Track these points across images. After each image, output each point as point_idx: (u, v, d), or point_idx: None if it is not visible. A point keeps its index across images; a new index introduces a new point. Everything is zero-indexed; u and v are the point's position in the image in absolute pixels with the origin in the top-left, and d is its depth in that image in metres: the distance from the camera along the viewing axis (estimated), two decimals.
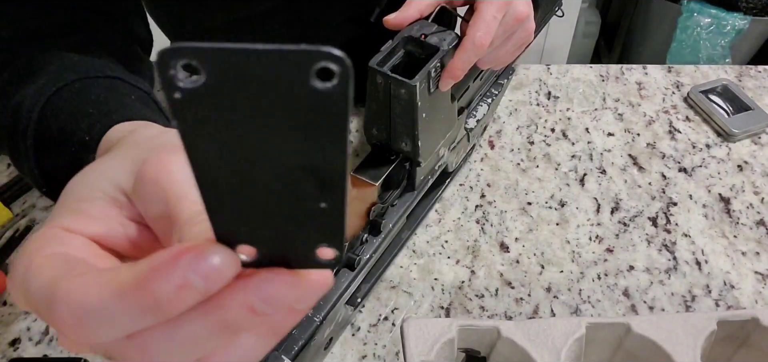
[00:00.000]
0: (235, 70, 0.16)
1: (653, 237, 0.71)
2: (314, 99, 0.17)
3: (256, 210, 0.20)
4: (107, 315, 0.20)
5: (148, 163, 0.27)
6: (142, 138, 0.32)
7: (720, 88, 0.90)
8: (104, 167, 0.29)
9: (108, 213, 0.27)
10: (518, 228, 0.72)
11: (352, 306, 0.61)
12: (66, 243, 0.25)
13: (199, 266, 0.19)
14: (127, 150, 0.30)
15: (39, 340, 0.61)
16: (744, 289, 0.66)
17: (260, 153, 0.18)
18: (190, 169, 0.19)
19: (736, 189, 0.77)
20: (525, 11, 0.56)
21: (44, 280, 0.22)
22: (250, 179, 0.19)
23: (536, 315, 0.64)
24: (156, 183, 0.26)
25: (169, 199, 0.25)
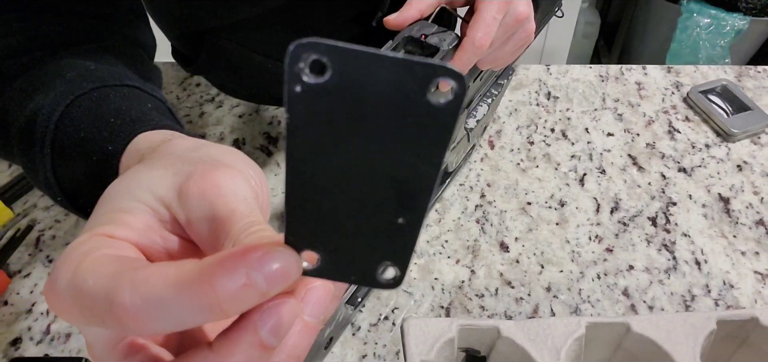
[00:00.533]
0: (360, 72, 0.16)
1: (653, 237, 0.71)
2: (427, 112, 0.17)
3: (334, 216, 0.20)
4: (170, 306, 0.20)
5: (194, 177, 0.27)
6: (180, 149, 0.32)
7: (719, 88, 0.90)
8: (145, 177, 0.28)
9: (148, 224, 0.27)
10: (518, 228, 0.72)
11: (353, 306, 0.61)
12: (115, 247, 0.24)
13: (263, 267, 0.20)
14: (167, 160, 0.30)
15: (40, 340, 0.61)
16: (743, 289, 0.66)
17: (359, 158, 0.18)
18: (285, 164, 0.19)
19: (736, 189, 0.77)
20: (525, 12, 0.56)
21: (104, 276, 0.22)
22: (341, 183, 0.19)
23: (536, 315, 0.64)
24: (204, 198, 0.26)
25: (219, 213, 0.25)
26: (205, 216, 0.26)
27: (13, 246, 0.68)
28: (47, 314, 0.63)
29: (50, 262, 0.68)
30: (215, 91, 0.89)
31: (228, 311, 0.20)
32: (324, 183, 0.19)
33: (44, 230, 0.71)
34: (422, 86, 0.17)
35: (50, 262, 0.68)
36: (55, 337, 0.61)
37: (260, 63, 0.76)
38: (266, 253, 0.20)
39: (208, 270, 0.20)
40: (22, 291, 0.65)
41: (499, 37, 0.55)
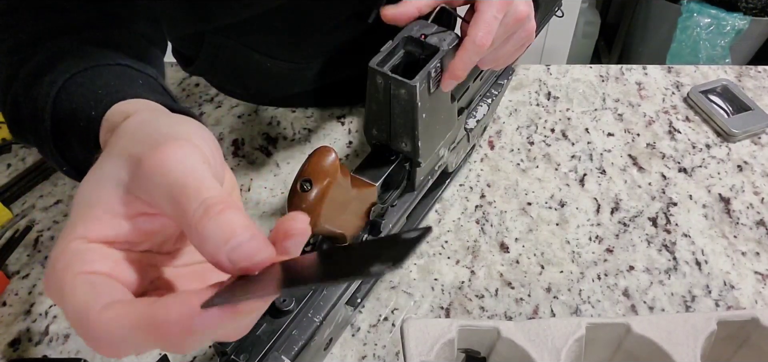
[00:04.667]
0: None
1: (653, 238, 0.71)
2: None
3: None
4: (128, 341, 0.26)
5: (144, 158, 0.28)
6: (132, 128, 0.34)
7: (720, 88, 0.90)
8: (103, 169, 0.30)
9: (116, 212, 0.29)
10: (518, 229, 0.72)
11: (352, 307, 0.61)
12: (88, 260, 0.28)
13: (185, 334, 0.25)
14: (122, 143, 0.32)
15: (38, 341, 0.61)
16: (744, 289, 0.66)
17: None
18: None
19: (736, 190, 0.77)
20: (525, 11, 0.55)
21: (78, 304, 0.26)
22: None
23: (536, 316, 0.64)
24: (155, 178, 0.28)
25: (172, 191, 0.27)
26: (162, 194, 0.28)
27: (12, 246, 0.68)
28: (46, 315, 0.63)
29: None
30: (214, 92, 0.89)
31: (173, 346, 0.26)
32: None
33: (43, 231, 0.71)
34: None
35: None
36: (54, 338, 0.61)
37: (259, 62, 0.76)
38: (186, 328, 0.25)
39: (156, 324, 0.25)
40: (21, 291, 0.65)
41: (499, 36, 0.55)
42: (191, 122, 0.33)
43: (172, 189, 0.27)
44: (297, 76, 0.80)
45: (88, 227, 0.29)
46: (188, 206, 0.27)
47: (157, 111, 0.39)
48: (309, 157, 0.48)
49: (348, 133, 0.84)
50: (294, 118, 0.86)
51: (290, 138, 0.83)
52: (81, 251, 0.28)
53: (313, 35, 0.74)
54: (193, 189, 0.27)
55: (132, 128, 0.34)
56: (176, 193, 0.27)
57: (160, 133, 0.31)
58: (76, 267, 0.27)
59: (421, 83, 0.53)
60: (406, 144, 0.58)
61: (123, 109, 0.40)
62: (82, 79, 0.44)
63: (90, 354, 0.60)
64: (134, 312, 0.26)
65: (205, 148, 0.31)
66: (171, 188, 0.27)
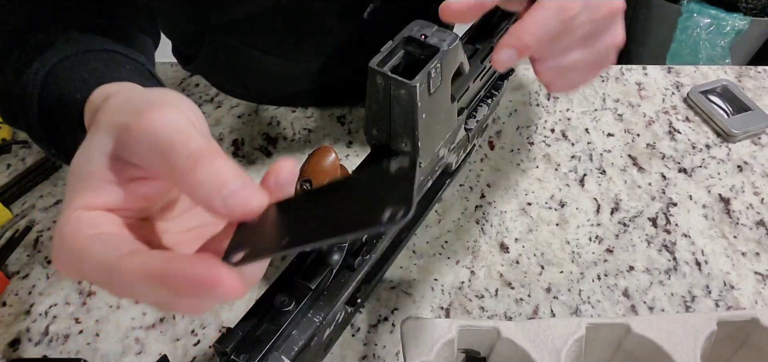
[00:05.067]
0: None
1: (653, 238, 0.71)
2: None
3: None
4: (144, 289, 0.27)
5: (130, 125, 0.30)
6: (115, 104, 0.34)
7: (720, 88, 0.90)
8: (92, 143, 0.31)
9: (110, 180, 0.30)
10: (518, 229, 0.72)
11: (352, 307, 0.61)
12: (95, 223, 0.29)
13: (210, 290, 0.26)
14: (107, 118, 0.33)
15: (38, 341, 0.61)
16: (744, 290, 0.66)
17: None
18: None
19: (736, 190, 0.77)
20: (618, 5, 0.46)
21: (98, 261, 0.28)
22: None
23: (536, 316, 0.64)
24: (142, 139, 0.29)
25: (161, 148, 0.28)
26: (152, 153, 0.29)
27: (12, 247, 0.68)
28: (46, 315, 0.63)
29: (49, 263, 0.67)
30: (214, 92, 0.89)
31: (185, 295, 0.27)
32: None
33: (43, 231, 0.71)
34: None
35: (49, 263, 0.67)
36: (54, 338, 0.61)
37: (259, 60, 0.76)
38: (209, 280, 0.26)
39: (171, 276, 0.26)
40: (21, 292, 0.65)
41: (570, 37, 0.46)
42: (176, 93, 0.34)
43: (161, 146, 0.28)
44: (297, 74, 0.80)
45: (85, 197, 0.30)
46: (178, 159, 0.28)
47: (140, 88, 0.39)
48: (309, 157, 0.48)
49: (348, 133, 0.84)
50: (294, 118, 0.85)
51: (290, 138, 0.83)
52: (85, 218, 0.29)
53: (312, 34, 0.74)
54: (181, 143, 0.28)
55: (116, 103, 0.34)
56: (165, 149, 0.28)
57: (145, 101, 0.32)
58: (86, 231, 0.29)
59: (421, 83, 0.52)
60: (406, 144, 0.58)
61: (105, 91, 0.40)
62: (69, 64, 0.45)
63: (90, 355, 0.60)
64: (149, 262, 0.27)
65: (190, 114, 0.32)
66: (159, 145, 0.28)
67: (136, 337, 0.61)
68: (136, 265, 0.27)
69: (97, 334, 0.61)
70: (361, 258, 0.58)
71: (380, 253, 0.63)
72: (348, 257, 0.58)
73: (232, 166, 0.28)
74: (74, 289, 0.65)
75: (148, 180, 0.32)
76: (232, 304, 0.64)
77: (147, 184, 0.32)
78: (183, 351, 0.60)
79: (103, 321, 0.62)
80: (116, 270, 0.27)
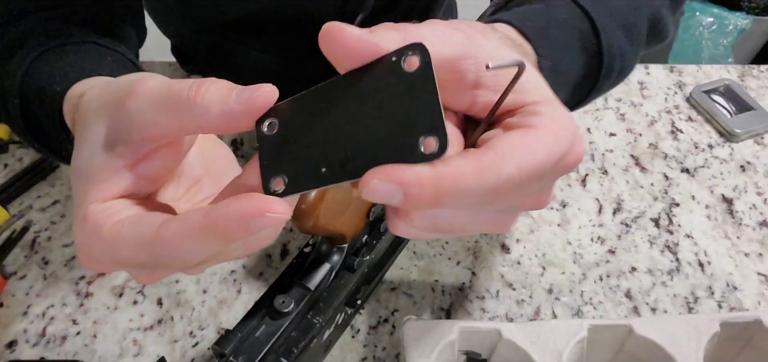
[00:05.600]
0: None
1: (655, 239, 0.71)
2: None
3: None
4: (192, 248, 0.27)
5: (124, 100, 0.29)
6: (97, 93, 0.34)
7: (722, 87, 0.89)
8: (89, 138, 0.31)
9: (116, 167, 0.30)
10: (519, 229, 0.71)
11: (352, 308, 0.60)
12: (114, 211, 0.29)
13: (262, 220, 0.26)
14: (92, 109, 0.32)
15: (36, 342, 0.60)
16: (747, 291, 0.66)
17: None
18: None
19: (739, 190, 0.77)
20: (581, 156, 0.31)
21: (135, 242, 0.28)
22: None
23: (538, 317, 0.63)
24: (140, 101, 0.29)
25: (161, 99, 0.28)
26: (153, 111, 0.29)
27: (9, 247, 0.68)
28: (43, 316, 0.62)
29: (46, 264, 0.67)
30: None
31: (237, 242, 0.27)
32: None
33: (40, 232, 0.70)
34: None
35: (46, 264, 0.67)
36: (51, 340, 0.61)
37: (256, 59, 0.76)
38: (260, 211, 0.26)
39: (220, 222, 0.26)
40: (18, 293, 0.64)
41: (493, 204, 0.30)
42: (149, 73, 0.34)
43: (160, 96, 0.28)
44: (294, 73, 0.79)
45: (96, 191, 0.30)
46: (180, 96, 0.28)
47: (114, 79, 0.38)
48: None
49: None
50: None
51: None
52: (103, 209, 0.29)
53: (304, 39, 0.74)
54: (178, 84, 0.28)
55: (97, 93, 0.34)
56: (165, 96, 0.28)
57: (128, 80, 0.31)
58: (109, 220, 0.29)
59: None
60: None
61: (81, 87, 0.40)
62: (50, 57, 0.45)
63: (87, 356, 0.59)
64: (192, 220, 0.27)
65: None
66: (159, 97, 0.28)
67: (134, 339, 0.61)
68: (178, 228, 0.27)
69: (94, 336, 0.61)
70: (360, 259, 0.58)
71: (380, 254, 0.63)
72: (348, 257, 0.58)
73: (231, 83, 0.28)
74: (71, 290, 0.65)
75: (152, 156, 0.31)
76: (230, 306, 0.63)
77: (151, 162, 0.31)
78: (181, 352, 0.60)
79: (100, 322, 0.62)
80: (158, 242, 0.27)
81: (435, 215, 0.28)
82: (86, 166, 0.31)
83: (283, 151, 0.28)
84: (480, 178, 0.25)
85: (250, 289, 0.64)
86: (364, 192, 0.25)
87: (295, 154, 0.28)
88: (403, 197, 0.24)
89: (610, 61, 0.48)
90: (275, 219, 0.26)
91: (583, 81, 0.48)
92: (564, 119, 0.29)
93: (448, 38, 0.28)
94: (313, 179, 0.27)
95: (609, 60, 0.48)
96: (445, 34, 0.28)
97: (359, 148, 0.26)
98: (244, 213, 0.26)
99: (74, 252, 0.68)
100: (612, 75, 0.49)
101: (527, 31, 0.41)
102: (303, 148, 0.27)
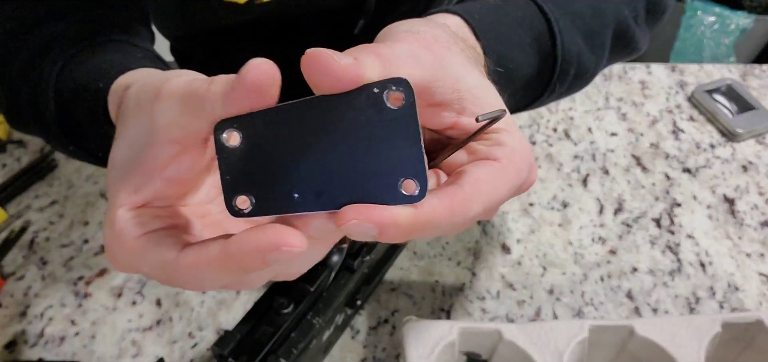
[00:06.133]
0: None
1: (657, 239, 0.70)
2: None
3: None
4: (209, 276, 0.28)
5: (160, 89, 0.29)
6: (139, 86, 0.34)
7: (724, 87, 0.89)
8: (128, 131, 0.31)
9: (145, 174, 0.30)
10: (520, 230, 0.71)
11: (352, 309, 0.60)
12: (142, 223, 0.30)
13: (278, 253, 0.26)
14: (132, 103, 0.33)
15: (34, 343, 0.60)
16: (749, 291, 0.65)
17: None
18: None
19: (741, 190, 0.76)
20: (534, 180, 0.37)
21: (155, 262, 0.29)
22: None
23: (538, 318, 0.63)
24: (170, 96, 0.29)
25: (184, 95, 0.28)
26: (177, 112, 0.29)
27: (7, 247, 0.68)
28: (41, 317, 0.62)
29: (44, 264, 0.67)
30: None
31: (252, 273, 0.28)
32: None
33: (38, 232, 0.70)
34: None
35: (44, 264, 0.67)
36: (50, 340, 0.60)
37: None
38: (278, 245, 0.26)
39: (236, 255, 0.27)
40: (16, 293, 0.64)
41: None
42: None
43: (180, 100, 0.28)
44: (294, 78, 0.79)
45: (127, 196, 0.30)
46: (197, 97, 0.27)
47: (157, 71, 0.39)
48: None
49: None
50: None
51: None
52: (130, 218, 0.30)
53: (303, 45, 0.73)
54: (196, 85, 0.28)
55: (136, 90, 0.34)
56: (184, 100, 0.28)
57: (160, 80, 0.31)
58: (135, 231, 0.30)
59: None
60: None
61: (126, 80, 0.40)
62: (82, 58, 0.45)
63: (86, 357, 0.59)
64: (210, 251, 0.27)
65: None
66: (179, 101, 0.28)
67: (133, 339, 0.60)
68: (196, 259, 0.28)
69: (93, 336, 0.61)
70: (360, 260, 0.58)
71: (380, 254, 0.62)
72: (347, 258, 0.57)
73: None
74: (70, 291, 0.64)
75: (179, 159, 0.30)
76: (230, 306, 0.63)
77: (179, 165, 0.31)
78: (180, 353, 0.60)
79: (99, 323, 0.62)
80: (175, 268, 0.28)
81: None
82: (120, 164, 0.31)
83: (250, 167, 0.27)
84: (451, 216, 0.28)
85: (249, 290, 0.64)
86: (341, 226, 0.26)
87: (263, 173, 0.27)
88: (379, 234, 0.26)
89: (565, 65, 0.48)
90: (292, 253, 0.26)
91: (535, 81, 0.48)
92: (523, 149, 0.33)
93: (420, 60, 0.30)
94: (285, 205, 0.27)
95: (564, 63, 0.48)
96: (417, 56, 0.30)
97: (336, 180, 0.26)
98: (260, 248, 0.26)
99: (72, 253, 0.68)
100: (566, 79, 0.50)
101: (475, 26, 0.42)
102: (273, 168, 0.27)
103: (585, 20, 0.49)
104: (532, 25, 0.46)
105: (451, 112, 0.33)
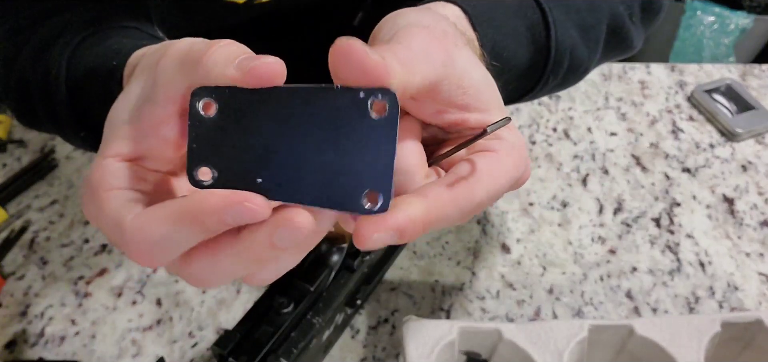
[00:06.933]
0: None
1: (656, 239, 0.71)
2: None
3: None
4: (167, 239, 0.27)
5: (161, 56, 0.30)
6: (144, 55, 0.35)
7: (724, 87, 0.89)
8: (130, 91, 0.32)
9: (139, 127, 0.30)
10: (520, 229, 0.71)
11: (352, 308, 0.60)
12: (120, 176, 0.30)
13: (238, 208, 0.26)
14: (139, 67, 0.33)
15: (34, 343, 0.60)
16: (748, 291, 0.65)
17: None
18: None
19: (740, 190, 0.76)
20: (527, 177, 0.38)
21: (111, 216, 0.28)
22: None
23: (538, 318, 0.63)
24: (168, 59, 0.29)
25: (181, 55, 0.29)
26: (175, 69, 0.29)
27: (7, 247, 0.68)
28: (42, 316, 0.62)
29: (45, 264, 0.67)
30: None
31: (214, 231, 0.27)
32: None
33: (39, 231, 0.70)
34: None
35: (45, 264, 0.67)
36: (50, 340, 0.60)
37: None
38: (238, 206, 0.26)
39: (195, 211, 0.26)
40: (17, 293, 0.64)
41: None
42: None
43: (180, 58, 0.29)
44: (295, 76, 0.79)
45: (116, 146, 0.30)
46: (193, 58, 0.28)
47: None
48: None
49: None
50: None
51: None
52: (112, 169, 0.30)
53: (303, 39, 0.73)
54: (197, 47, 0.28)
55: (150, 50, 0.35)
56: (183, 58, 0.28)
57: (175, 41, 0.32)
58: (109, 182, 0.29)
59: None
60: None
61: (140, 54, 0.40)
62: (92, 42, 0.45)
63: (86, 356, 0.59)
64: (167, 207, 0.27)
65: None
66: (179, 58, 0.29)
67: (133, 339, 0.61)
68: (150, 216, 0.27)
69: (93, 336, 0.61)
70: (360, 259, 0.58)
71: (380, 254, 0.62)
72: (347, 258, 0.57)
73: (245, 48, 0.28)
74: (70, 290, 0.64)
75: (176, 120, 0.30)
76: (230, 306, 0.63)
77: (173, 125, 0.30)
78: (180, 353, 0.60)
79: (99, 322, 0.62)
80: (122, 229, 0.28)
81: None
82: (116, 118, 0.31)
83: (218, 141, 0.27)
84: (457, 207, 0.29)
85: (249, 289, 0.64)
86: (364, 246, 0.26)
87: (230, 150, 0.27)
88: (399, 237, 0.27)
89: (558, 56, 0.48)
90: (253, 212, 0.25)
91: (529, 72, 0.48)
92: (520, 144, 0.34)
93: (432, 57, 0.31)
94: (246, 186, 0.26)
95: (557, 55, 0.48)
96: (429, 53, 0.31)
97: (302, 174, 0.26)
98: (221, 204, 0.26)
99: (73, 253, 0.68)
100: (560, 71, 0.49)
101: (471, 13, 0.42)
102: (241, 147, 0.27)
103: (580, 13, 0.49)
104: (526, 14, 0.46)
105: (454, 109, 0.33)
